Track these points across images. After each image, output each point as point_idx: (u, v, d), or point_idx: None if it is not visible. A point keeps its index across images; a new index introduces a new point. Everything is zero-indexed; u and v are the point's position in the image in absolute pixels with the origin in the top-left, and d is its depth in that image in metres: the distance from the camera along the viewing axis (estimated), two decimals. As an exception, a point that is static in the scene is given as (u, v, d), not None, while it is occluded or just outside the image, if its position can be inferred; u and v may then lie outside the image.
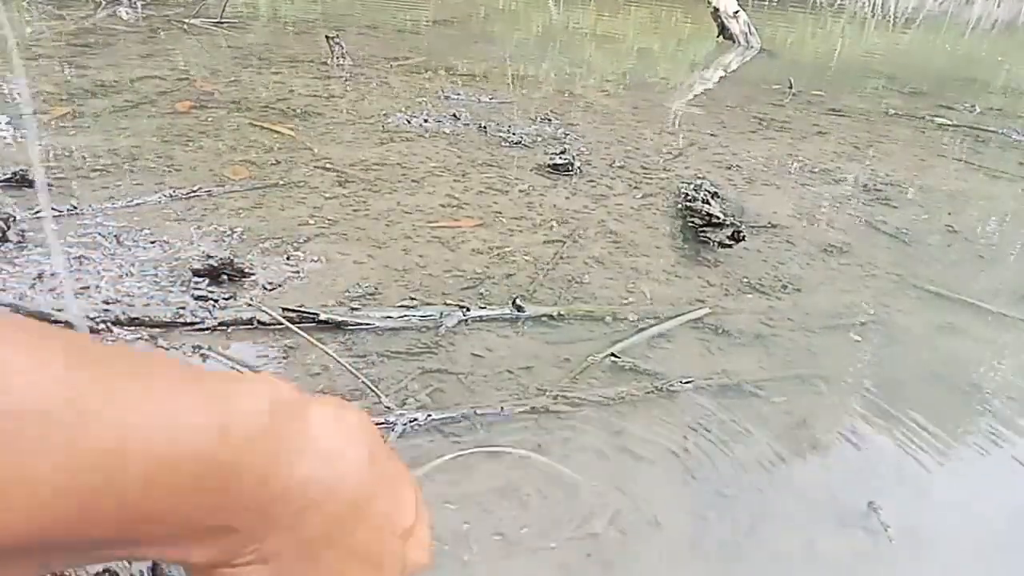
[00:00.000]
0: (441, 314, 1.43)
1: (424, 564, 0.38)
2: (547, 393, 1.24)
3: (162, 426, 0.26)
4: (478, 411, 1.17)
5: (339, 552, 0.33)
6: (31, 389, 0.23)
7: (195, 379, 0.29)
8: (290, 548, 0.31)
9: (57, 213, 1.68)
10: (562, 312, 1.49)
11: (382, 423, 1.13)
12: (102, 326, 1.29)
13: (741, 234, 1.86)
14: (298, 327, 1.33)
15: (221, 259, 1.47)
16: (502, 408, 1.19)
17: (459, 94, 3.09)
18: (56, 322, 1.28)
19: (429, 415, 1.15)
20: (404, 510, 0.37)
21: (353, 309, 1.41)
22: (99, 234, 1.62)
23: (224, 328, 1.33)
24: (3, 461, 0.22)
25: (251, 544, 0.30)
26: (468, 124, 2.69)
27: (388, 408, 1.16)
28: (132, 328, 1.30)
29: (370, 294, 1.50)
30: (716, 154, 2.65)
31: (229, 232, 1.70)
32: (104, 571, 0.78)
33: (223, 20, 4.11)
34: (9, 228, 1.54)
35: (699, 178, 2.29)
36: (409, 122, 2.65)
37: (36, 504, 0.23)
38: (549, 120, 2.84)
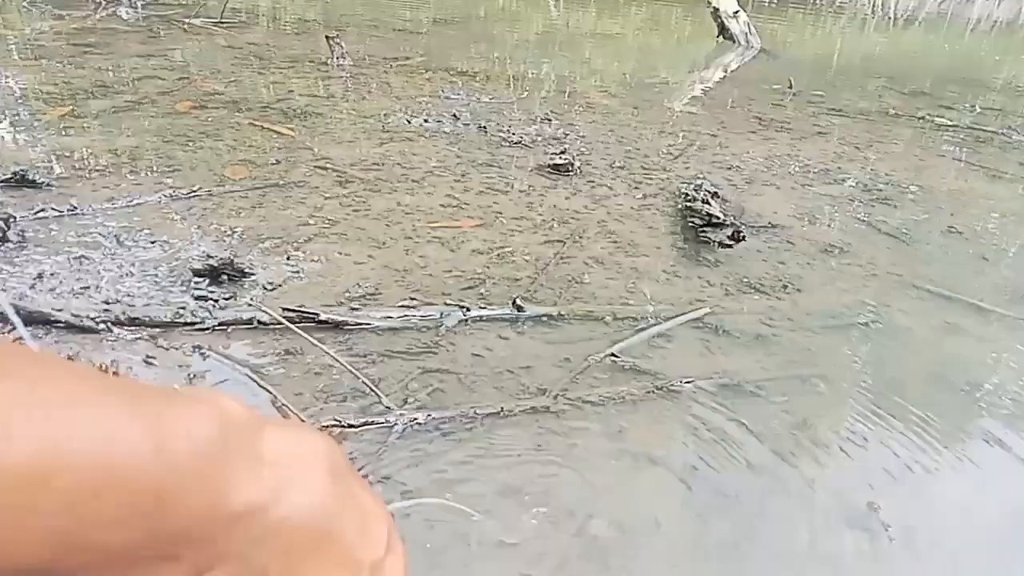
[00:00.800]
0: (441, 314, 1.43)
1: None
2: (547, 393, 1.24)
3: (90, 446, 0.23)
4: (478, 411, 1.17)
5: None
6: None
7: (132, 395, 0.26)
8: None
9: (57, 213, 1.68)
10: (562, 312, 1.49)
11: (382, 423, 1.13)
12: (102, 326, 1.29)
13: (741, 234, 1.86)
14: (298, 327, 1.33)
15: (221, 259, 1.47)
16: (502, 408, 1.19)
17: (459, 94, 3.09)
18: (56, 322, 1.28)
19: (429, 415, 1.15)
20: (372, 543, 0.34)
21: (353, 309, 1.41)
22: (99, 234, 1.62)
23: (224, 328, 1.33)
24: None
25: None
26: (468, 124, 2.69)
27: (388, 408, 1.16)
28: (132, 328, 1.30)
29: (370, 294, 1.50)
30: (716, 154, 2.65)
31: (229, 232, 1.70)
32: None
33: (223, 20, 4.11)
34: (9, 228, 1.54)
35: (699, 178, 2.29)
36: (409, 122, 2.65)
37: None
38: (549, 120, 2.84)
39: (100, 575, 0.25)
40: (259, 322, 1.35)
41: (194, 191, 1.88)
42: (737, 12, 4.95)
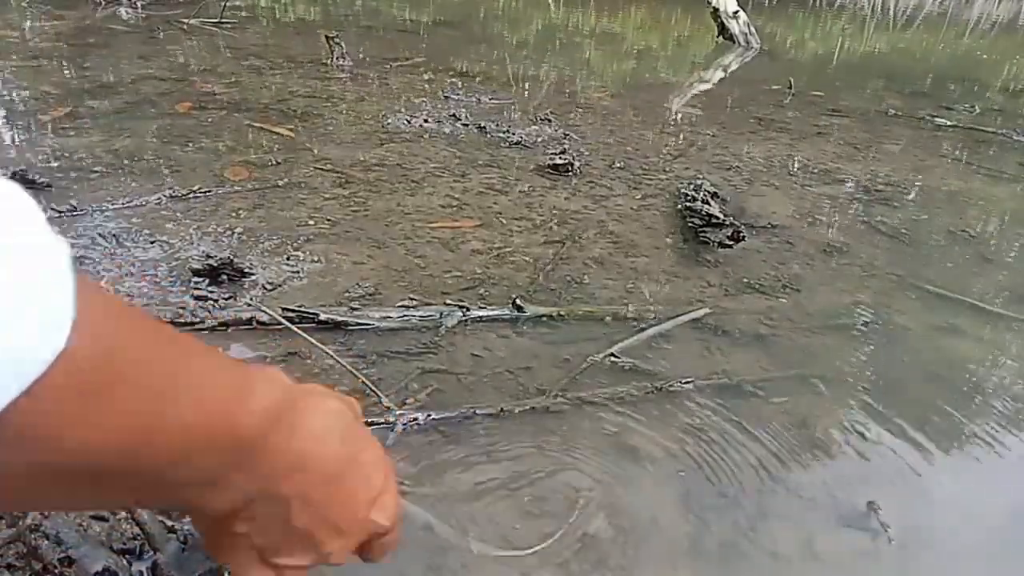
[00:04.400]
0: (441, 314, 1.43)
1: (383, 524, 0.47)
2: (547, 393, 1.24)
3: (201, 393, 0.35)
4: (477, 411, 1.17)
5: (311, 516, 0.41)
6: (119, 349, 0.32)
7: (227, 364, 0.39)
8: (272, 508, 0.40)
9: (57, 213, 1.68)
10: (562, 312, 1.49)
11: (382, 423, 1.13)
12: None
13: (741, 234, 1.86)
14: (298, 327, 1.33)
15: (221, 259, 1.47)
16: (502, 409, 1.19)
17: (459, 94, 3.09)
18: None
19: (429, 415, 1.15)
20: (371, 484, 0.46)
21: (353, 309, 1.41)
22: (99, 234, 1.62)
23: (224, 328, 1.33)
24: (123, 398, 0.31)
25: (244, 501, 0.39)
26: (468, 124, 2.69)
27: (388, 408, 1.16)
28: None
29: (370, 294, 1.50)
30: (716, 154, 2.65)
31: (229, 232, 1.70)
32: (104, 570, 0.78)
33: (223, 20, 4.11)
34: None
35: (699, 178, 2.29)
36: (409, 122, 2.65)
37: (131, 421, 0.31)
38: (549, 120, 2.84)
39: (191, 487, 0.37)
40: (259, 322, 1.35)
41: (193, 191, 1.88)
42: (737, 12, 4.95)
